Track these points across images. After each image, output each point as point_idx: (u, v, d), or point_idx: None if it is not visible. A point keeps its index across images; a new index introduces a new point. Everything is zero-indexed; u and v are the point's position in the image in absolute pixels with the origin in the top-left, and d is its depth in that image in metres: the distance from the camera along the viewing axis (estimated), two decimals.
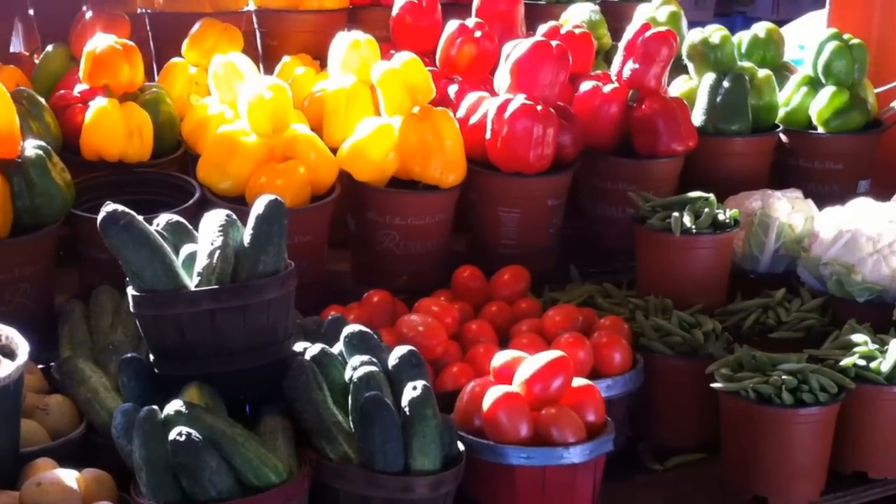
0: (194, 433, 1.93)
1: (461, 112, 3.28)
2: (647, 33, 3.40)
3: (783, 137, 3.65)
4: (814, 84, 3.68)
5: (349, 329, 2.32)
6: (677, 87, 3.72)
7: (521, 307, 2.88)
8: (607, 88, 3.42)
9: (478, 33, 3.48)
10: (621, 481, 2.55)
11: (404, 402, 2.13)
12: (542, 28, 3.65)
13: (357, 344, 2.29)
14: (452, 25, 3.50)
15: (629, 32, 3.46)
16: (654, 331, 2.77)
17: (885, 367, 2.53)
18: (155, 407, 2.00)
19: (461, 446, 2.18)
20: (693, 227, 2.91)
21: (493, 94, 3.33)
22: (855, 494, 2.56)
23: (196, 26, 3.50)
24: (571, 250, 3.38)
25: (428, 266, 3.10)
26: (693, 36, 3.70)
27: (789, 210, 3.18)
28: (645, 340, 2.76)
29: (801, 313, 2.86)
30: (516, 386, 2.32)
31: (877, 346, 2.60)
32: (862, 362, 2.55)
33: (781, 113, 3.70)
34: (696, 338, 2.73)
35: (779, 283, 3.06)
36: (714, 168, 3.49)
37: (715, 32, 3.67)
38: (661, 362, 2.71)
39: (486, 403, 2.27)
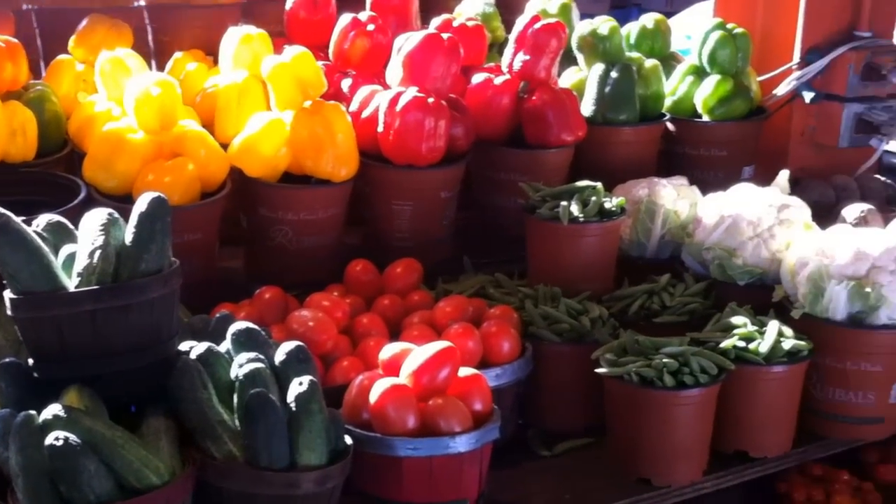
0: (72, 437, 1.89)
1: (354, 106, 3.27)
2: (537, 25, 3.42)
3: (670, 126, 3.70)
4: (699, 73, 3.74)
5: (236, 326, 2.29)
6: (568, 78, 3.75)
7: (414, 299, 2.88)
8: (499, 80, 3.43)
9: (371, 27, 3.46)
10: (511, 468, 2.58)
11: (290, 397, 2.11)
12: (436, 21, 3.65)
13: (244, 341, 2.27)
14: (345, 19, 3.48)
15: (519, 24, 3.48)
16: (542, 319, 2.80)
17: (764, 347, 2.59)
18: (32, 412, 1.95)
19: (349, 440, 2.17)
20: (581, 215, 2.94)
21: (387, 87, 3.32)
22: (736, 473, 2.62)
23: (84, 22, 3.42)
24: (466, 241, 3.39)
25: (322, 261, 3.08)
26: (582, 27, 3.73)
27: (675, 197, 3.23)
28: (534, 328, 2.78)
29: (684, 297, 2.91)
30: (403, 378, 2.32)
31: (756, 328, 2.66)
32: (741, 344, 2.61)
33: (669, 102, 3.76)
34: (583, 324, 2.76)
35: (665, 268, 3.11)
36: (604, 157, 3.53)
37: (603, 24, 3.71)
38: (549, 349, 2.74)
39: (374, 396, 2.27)
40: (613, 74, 3.56)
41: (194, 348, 2.23)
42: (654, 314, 2.89)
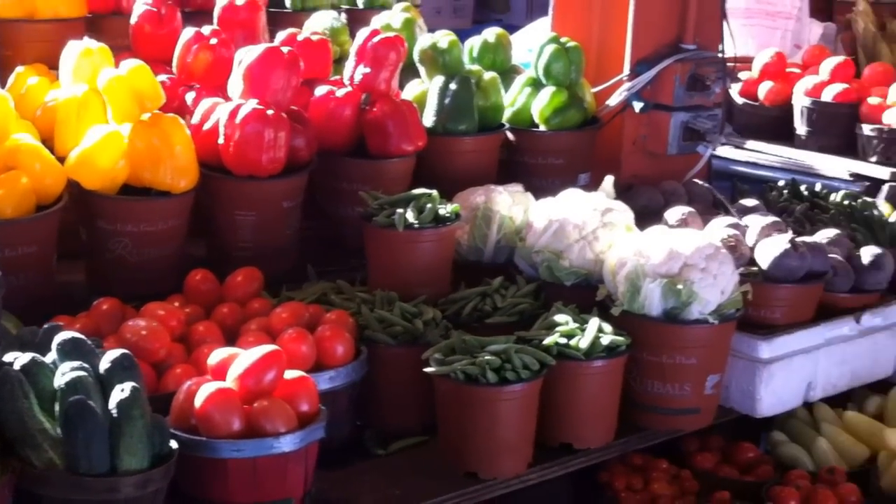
0: None
1: (196, 118, 3.27)
2: (375, 39, 3.48)
3: (510, 135, 3.80)
4: (536, 85, 3.85)
5: (61, 336, 2.28)
6: (411, 90, 3.82)
7: (254, 307, 2.90)
8: (340, 92, 3.48)
9: (213, 41, 3.47)
10: (345, 468, 2.62)
11: (111, 404, 2.12)
12: (281, 35, 3.68)
13: (69, 351, 2.26)
14: (188, 33, 3.48)
15: (359, 38, 3.54)
16: (378, 322, 2.85)
17: (584, 343, 2.69)
18: None
19: (174, 444, 2.18)
20: (416, 222, 3.01)
21: (229, 100, 3.33)
22: (561, 465, 2.71)
23: None
24: (312, 250, 3.42)
25: (164, 272, 3.07)
26: (423, 41, 3.81)
27: (510, 203, 3.33)
28: (370, 332, 2.83)
29: (515, 299, 3.00)
30: (230, 381, 2.34)
31: (577, 325, 2.76)
32: (563, 340, 2.70)
33: (509, 113, 3.86)
34: (417, 327, 2.82)
35: (501, 272, 3.19)
36: (445, 166, 3.61)
37: (443, 38, 3.79)
38: (384, 352, 2.79)
39: (199, 401, 2.28)
40: (452, 86, 3.64)
41: (18, 359, 2.22)
42: (486, 315, 2.97)
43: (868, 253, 3.18)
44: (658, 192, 3.68)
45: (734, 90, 5.36)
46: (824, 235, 3.22)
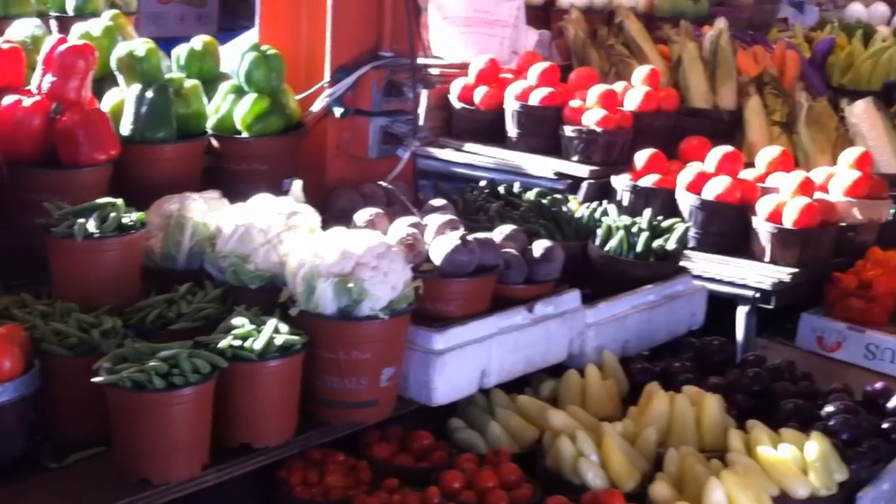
0: None
1: None
2: (62, 47, 3.40)
3: (214, 142, 3.80)
4: (239, 92, 3.86)
5: None
6: (110, 99, 3.74)
7: None
8: (28, 102, 3.37)
9: None
10: (15, 484, 2.55)
11: None
12: None
13: None
14: None
15: (46, 47, 3.44)
16: (53, 335, 2.78)
17: (258, 344, 2.73)
18: None
19: None
20: (96, 231, 2.96)
21: None
22: (239, 465, 2.73)
23: None
24: (1, 264, 3.31)
25: None
26: (120, 49, 3.75)
27: (205, 210, 3.32)
28: (45, 345, 2.76)
29: (200, 304, 3.00)
30: None
31: (254, 327, 2.79)
32: (237, 342, 2.73)
33: (214, 120, 3.85)
34: (93, 337, 2.77)
35: (195, 278, 3.18)
36: (146, 174, 3.56)
37: (141, 45, 3.74)
38: (59, 364, 2.73)
39: None
40: (149, 94, 3.60)
41: None
42: (171, 322, 2.95)
43: (540, 246, 3.37)
44: (358, 194, 3.77)
45: (452, 95, 5.55)
46: (500, 231, 3.38)
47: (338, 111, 3.89)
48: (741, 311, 4.48)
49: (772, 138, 5.44)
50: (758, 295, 4.41)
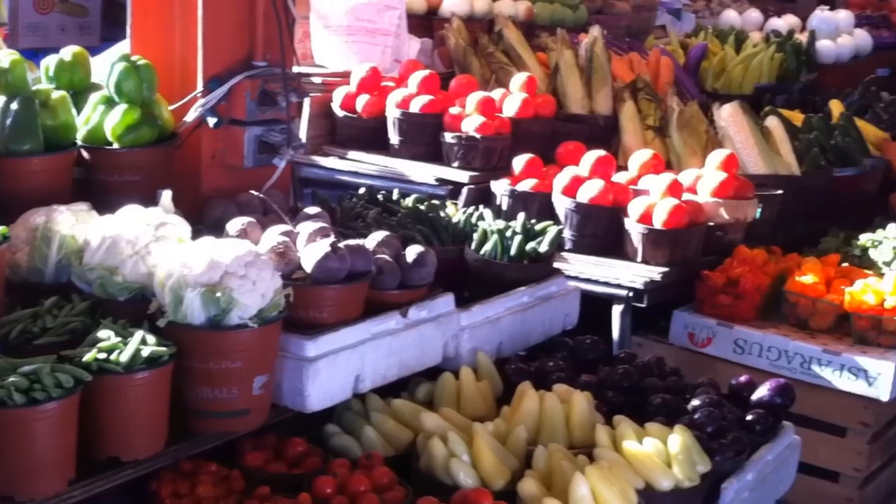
0: None
1: None
2: None
3: (85, 154, 3.74)
4: (109, 103, 3.81)
5: None
6: None
7: None
8: None
9: None
10: None
11: None
12: None
13: None
14: None
15: None
16: None
17: (124, 357, 2.70)
18: None
19: None
20: None
21: None
22: (108, 479, 2.69)
23: None
24: None
25: None
26: None
27: (73, 222, 3.27)
28: None
29: (67, 318, 2.95)
30: None
31: (121, 339, 2.77)
32: (103, 355, 2.70)
33: (84, 131, 3.79)
34: None
35: (63, 292, 3.13)
36: (12, 188, 3.49)
37: (6, 57, 3.67)
38: None
39: None
40: (14, 106, 3.53)
41: None
42: (36, 337, 2.90)
43: (413, 252, 3.40)
44: (234, 204, 3.75)
45: (335, 103, 5.57)
46: (373, 238, 3.41)
47: (211, 121, 3.86)
48: (616, 310, 4.61)
49: (646, 142, 5.59)
50: (631, 294, 4.54)
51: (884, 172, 6.14)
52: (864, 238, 5.02)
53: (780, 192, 5.12)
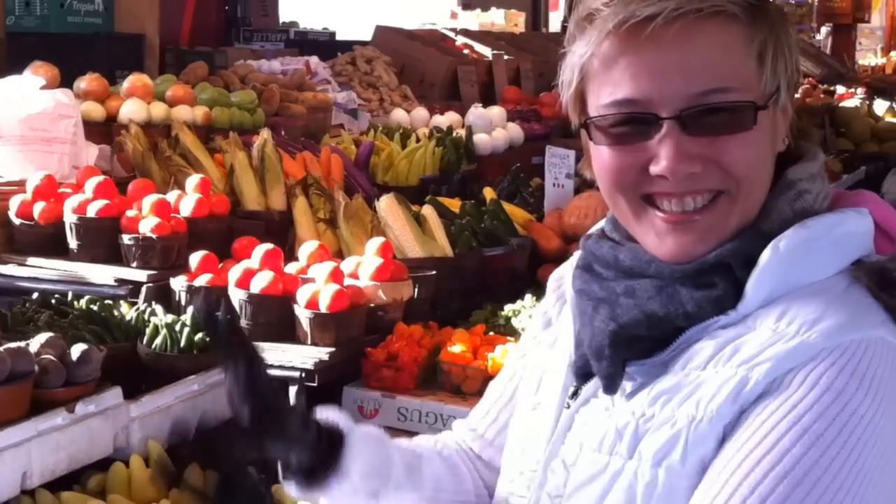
0: None
1: None
2: None
3: None
4: None
5: None
6: None
7: None
8: None
9: None
10: None
11: None
12: None
13: None
14: None
15: None
16: None
17: None
18: None
19: None
20: None
21: None
22: None
23: None
24: None
25: None
26: None
27: None
28: None
29: None
30: None
31: None
32: None
33: None
34: None
35: None
36: None
37: None
38: None
39: None
40: None
41: None
42: None
43: (76, 350, 3.55)
44: None
45: (12, 211, 5.57)
46: (37, 340, 3.53)
47: None
48: (292, 391, 4.89)
49: (319, 234, 5.98)
50: (304, 375, 4.84)
51: (531, 249, 6.86)
52: (508, 309, 5.61)
53: (433, 272, 5.63)
